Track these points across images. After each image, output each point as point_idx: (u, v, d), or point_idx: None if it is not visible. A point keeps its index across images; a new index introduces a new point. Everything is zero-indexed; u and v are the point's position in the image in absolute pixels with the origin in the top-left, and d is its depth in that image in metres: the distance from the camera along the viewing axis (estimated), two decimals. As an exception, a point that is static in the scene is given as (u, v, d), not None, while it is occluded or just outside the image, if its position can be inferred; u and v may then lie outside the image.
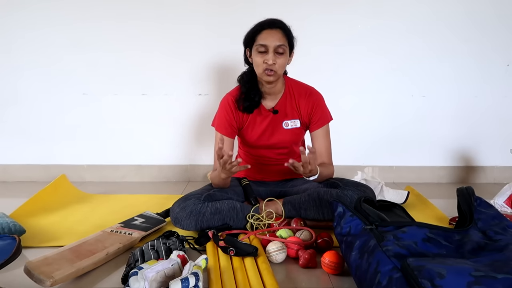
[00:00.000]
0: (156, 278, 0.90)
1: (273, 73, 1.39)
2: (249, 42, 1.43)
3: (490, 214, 0.99)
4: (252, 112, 1.51)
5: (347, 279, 1.06)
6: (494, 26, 2.09)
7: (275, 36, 1.36)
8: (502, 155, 2.23)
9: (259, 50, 1.38)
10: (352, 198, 1.34)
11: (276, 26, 1.38)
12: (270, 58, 1.36)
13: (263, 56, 1.38)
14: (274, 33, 1.37)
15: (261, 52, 1.38)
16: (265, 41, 1.36)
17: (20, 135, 2.17)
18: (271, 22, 1.39)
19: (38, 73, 2.11)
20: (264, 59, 1.37)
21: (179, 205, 1.36)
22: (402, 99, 2.16)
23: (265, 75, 1.40)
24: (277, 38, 1.36)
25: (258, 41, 1.37)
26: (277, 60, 1.37)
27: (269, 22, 1.39)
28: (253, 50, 1.41)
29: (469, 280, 0.70)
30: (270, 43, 1.36)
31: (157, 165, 2.22)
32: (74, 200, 1.78)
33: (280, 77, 1.46)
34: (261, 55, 1.38)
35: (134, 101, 2.14)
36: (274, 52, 1.37)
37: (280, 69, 1.40)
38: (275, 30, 1.37)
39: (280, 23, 1.40)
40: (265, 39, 1.36)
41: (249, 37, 1.42)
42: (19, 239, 1.08)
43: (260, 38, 1.37)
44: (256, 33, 1.39)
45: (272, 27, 1.38)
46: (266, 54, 1.37)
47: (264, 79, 1.43)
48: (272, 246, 1.15)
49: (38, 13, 2.04)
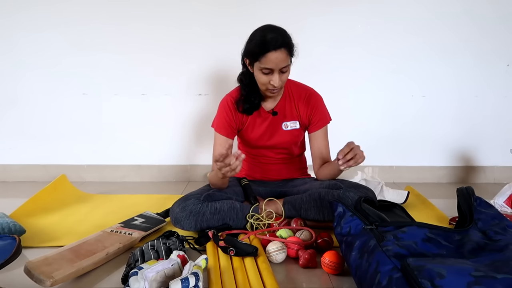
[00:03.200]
0: (156, 278, 0.90)
1: (277, 90, 1.40)
2: (251, 57, 1.35)
3: (490, 214, 0.99)
4: (251, 114, 1.51)
5: (347, 279, 1.06)
6: (494, 26, 2.09)
7: (280, 57, 1.30)
8: (502, 155, 2.23)
9: (263, 71, 1.34)
10: (353, 199, 1.34)
11: (280, 46, 1.29)
12: (277, 80, 1.33)
13: (268, 77, 1.34)
14: (279, 55, 1.29)
15: (265, 73, 1.34)
16: (270, 65, 1.31)
17: (20, 135, 2.17)
18: (275, 42, 1.28)
19: (38, 74, 2.11)
20: (269, 79, 1.34)
21: (179, 205, 1.36)
22: (402, 99, 2.16)
23: (269, 92, 1.40)
24: (282, 59, 1.30)
25: (263, 63, 1.31)
26: (281, 78, 1.36)
27: (273, 42, 1.28)
28: (256, 67, 1.36)
29: (469, 280, 0.70)
30: (275, 66, 1.31)
31: (157, 165, 2.22)
32: (74, 200, 1.78)
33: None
34: (265, 75, 1.35)
35: (134, 101, 2.14)
36: (279, 73, 1.34)
37: (283, 83, 1.39)
38: (280, 52, 1.29)
39: (284, 40, 1.30)
40: (270, 63, 1.30)
41: (252, 53, 1.34)
42: (19, 239, 1.08)
43: (265, 61, 1.30)
44: (260, 54, 1.30)
45: (277, 48, 1.28)
46: (271, 75, 1.34)
47: (267, 94, 1.43)
48: (272, 246, 1.15)
49: (39, 15, 2.04)
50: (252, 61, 1.36)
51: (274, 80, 1.34)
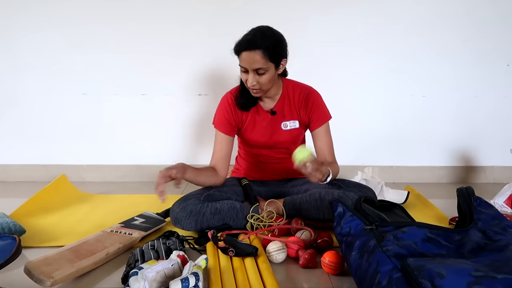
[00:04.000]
0: (156, 278, 0.90)
1: (258, 91, 1.39)
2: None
3: (490, 214, 0.99)
4: (249, 110, 1.51)
5: (347, 279, 1.06)
6: (494, 26, 2.09)
7: (253, 59, 1.30)
8: (502, 155, 2.23)
9: (241, 69, 1.37)
10: (354, 199, 1.34)
11: (254, 47, 1.29)
12: (250, 79, 1.34)
13: (245, 75, 1.36)
14: (252, 55, 1.29)
15: (243, 72, 1.37)
16: (244, 64, 1.33)
17: (20, 135, 2.17)
18: (249, 43, 1.30)
19: (38, 74, 2.10)
20: (246, 78, 1.36)
21: (179, 205, 1.36)
22: (402, 99, 2.16)
23: (252, 92, 1.41)
24: (255, 60, 1.30)
25: (239, 61, 1.35)
26: (259, 79, 1.35)
27: (248, 42, 1.31)
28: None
29: (469, 280, 0.70)
30: (248, 65, 1.32)
31: (157, 165, 2.21)
32: (74, 200, 1.78)
33: (270, 88, 1.44)
34: (244, 74, 1.37)
35: (134, 101, 2.14)
36: (254, 73, 1.34)
37: (264, 85, 1.37)
38: (253, 52, 1.29)
39: (260, 43, 1.29)
40: (244, 61, 1.33)
41: (234, 51, 1.37)
42: (19, 239, 1.08)
43: (240, 60, 1.34)
44: (237, 53, 1.35)
45: (251, 48, 1.29)
46: (247, 74, 1.35)
47: (252, 94, 1.43)
48: (272, 246, 1.15)
49: (38, 15, 2.04)
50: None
51: (248, 80, 1.35)
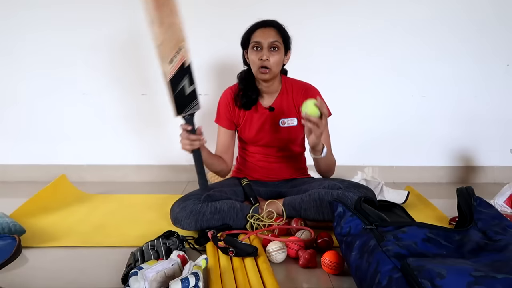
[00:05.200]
0: (156, 278, 0.90)
1: (268, 71, 1.41)
2: (245, 42, 1.47)
3: (490, 214, 0.99)
4: (249, 109, 1.54)
5: (347, 279, 1.06)
6: (494, 26, 2.09)
7: (269, 33, 1.41)
8: (502, 155, 2.23)
9: (253, 47, 1.42)
10: (353, 200, 1.33)
11: (270, 25, 1.43)
12: (264, 54, 1.40)
13: (257, 54, 1.41)
14: (268, 31, 1.42)
15: (255, 50, 1.42)
16: (259, 38, 1.41)
17: (20, 135, 2.17)
18: (265, 22, 1.44)
19: (38, 73, 2.10)
20: (258, 56, 1.41)
21: (179, 205, 1.36)
22: (402, 99, 2.16)
23: (260, 73, 1.43)
24: (271, 35, 1.41)
25: (253, 39, 1.42)
26: (271, 57, 1.40)
27: (263, 21, 1.45)
28: (249, 49, 1.45)
29: (469, 280, 0.70)
30: (264, 40, 1.40)
31: (157, 165, 2.22)
32: (74, 200, 1.78)
33: (276, 76, 1.48)
34: (255, 53, 1.42)
35: (134, 101, 2.14)
36: (268, 49, 1.40)
37: (275, 66, 1.42)
38: (269, 29, 1.42)
39: (274, 22, 1.45)
40: (259, 37, 1.41)
41: (245, 37, 1.47)
42: (19, 239, 1.09)
43: (255, 36, 1.42)
44: (251, 33, 1.44)
45: (266, 26, 1.43)
46: (261, 51, 1.41)
47: (259, 77, 1.46)
48: (272, 245, 1.16)
49: (38, 14, 2.04)
50: (246, 45, 1.47)
51: (262, 54, 1.40)
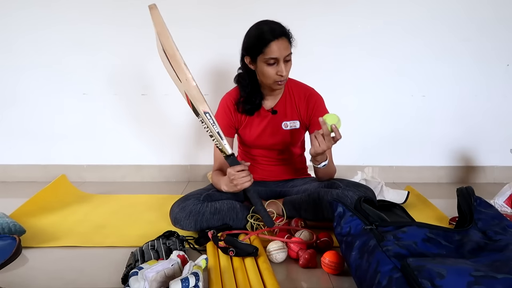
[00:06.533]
0: (156, 278, 0.90)
1: (284, 82, 1.40)
2: (253, 52, 1.36)
3: (490, 214, 0.99)
4: (253, 114, 1.51)
5: (347, 279, 1.06)
6: (494, 26, 2.09)
7: (283, 45, 1.32)
8: (502, 155, 2.23)
9: (269, 62, 1.34)
10: (352, 199, 1.33)
11: (280, 35, 1.32)
12: (284, 70, 1.34)
13: (274, 68, 1.35)
14: (281, 43, 1.32)
15: (271, 64, 1.35)
16: (276, 55, 1.32)
17: (20, 135, 2.17)
18: (275, 32, 1.32)
19: (38, 73, 2.10)
20: (276, 70, 1.35)
21: (179, 205, 1.36)
22: (402, 99, 2.16)
23: (276, 85, 1.40)
24: (285, 47, 1.33)
25: (268, 54, 1.32)
26: (286, 68, 1.36)
27: (273, 31, 1.32)
28: (260, 61, 1.36)
29: (469, 280, 0.70)
30: (280, 55, 1.32)
31: (157, 165, 2.22)
32: (74, 200, 1.78)
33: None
34: (272, 67, 1.35)
35: (134, 101, 2.14)
36: (284, 62, 1.35)
37: (288, 75, 1.40)
38: (282, 40, 1.32)
39: (283, 30, 1.35)
40: (276, 53, 1.32)
41: (254, 47, 1.35)
42: (19, 239, 1.09)
43: (269, 52, 1.32)
44: (263, 46, 1.32)
45: (278, 36, 1.32)
46: (278, 66, 1.34)
47: (274, 87, 1.42)
48: (272, 245, 1.15)
49: (38, 14, 2.04)
50: (255, 56, 1.36)
51: (281, 70, 1.34)
